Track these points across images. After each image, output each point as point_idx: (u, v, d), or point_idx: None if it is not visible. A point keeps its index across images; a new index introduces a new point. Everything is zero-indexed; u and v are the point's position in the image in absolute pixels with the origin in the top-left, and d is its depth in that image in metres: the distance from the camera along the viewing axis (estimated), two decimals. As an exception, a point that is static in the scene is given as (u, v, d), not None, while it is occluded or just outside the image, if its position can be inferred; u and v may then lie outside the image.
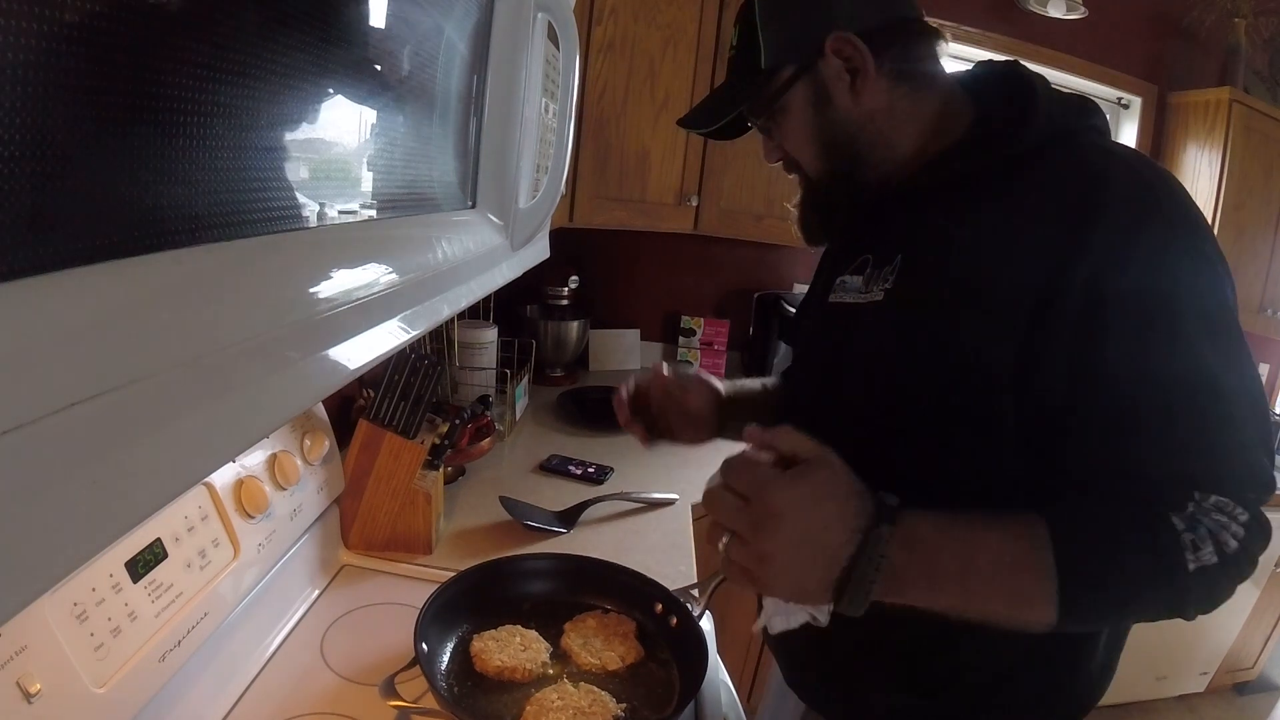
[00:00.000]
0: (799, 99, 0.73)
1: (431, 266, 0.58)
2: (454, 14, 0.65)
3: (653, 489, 1.41)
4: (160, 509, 0.30)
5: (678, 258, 2.29)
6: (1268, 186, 2.26)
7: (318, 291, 0.41)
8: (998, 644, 0.61)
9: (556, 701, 0.74)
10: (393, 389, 1.06)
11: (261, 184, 0.39)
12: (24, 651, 0.53)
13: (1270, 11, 2.26)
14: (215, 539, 0.78)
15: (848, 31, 0.70)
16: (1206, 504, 0.56)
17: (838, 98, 0.72)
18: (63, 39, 0.24)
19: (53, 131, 0.24)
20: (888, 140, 0.73)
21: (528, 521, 1.21)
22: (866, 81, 0.71)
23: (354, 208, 0.53)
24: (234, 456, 0.59)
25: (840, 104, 0.72)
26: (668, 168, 1.78)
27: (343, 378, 0.44)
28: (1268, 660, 2.57)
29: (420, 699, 0.73)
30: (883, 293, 0.72)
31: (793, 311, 2.10)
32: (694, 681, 0.77)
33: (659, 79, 1.70)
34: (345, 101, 0.49)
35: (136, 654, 0.64)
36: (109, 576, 0.63)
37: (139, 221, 0.29)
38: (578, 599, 0.92)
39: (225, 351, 0.32)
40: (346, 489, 1.07)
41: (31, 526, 0.23)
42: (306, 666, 0.85)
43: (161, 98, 0.29)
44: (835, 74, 0.71)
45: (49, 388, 0.24)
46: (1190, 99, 2.28)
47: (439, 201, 0.69)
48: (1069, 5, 2.12)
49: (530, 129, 0.78)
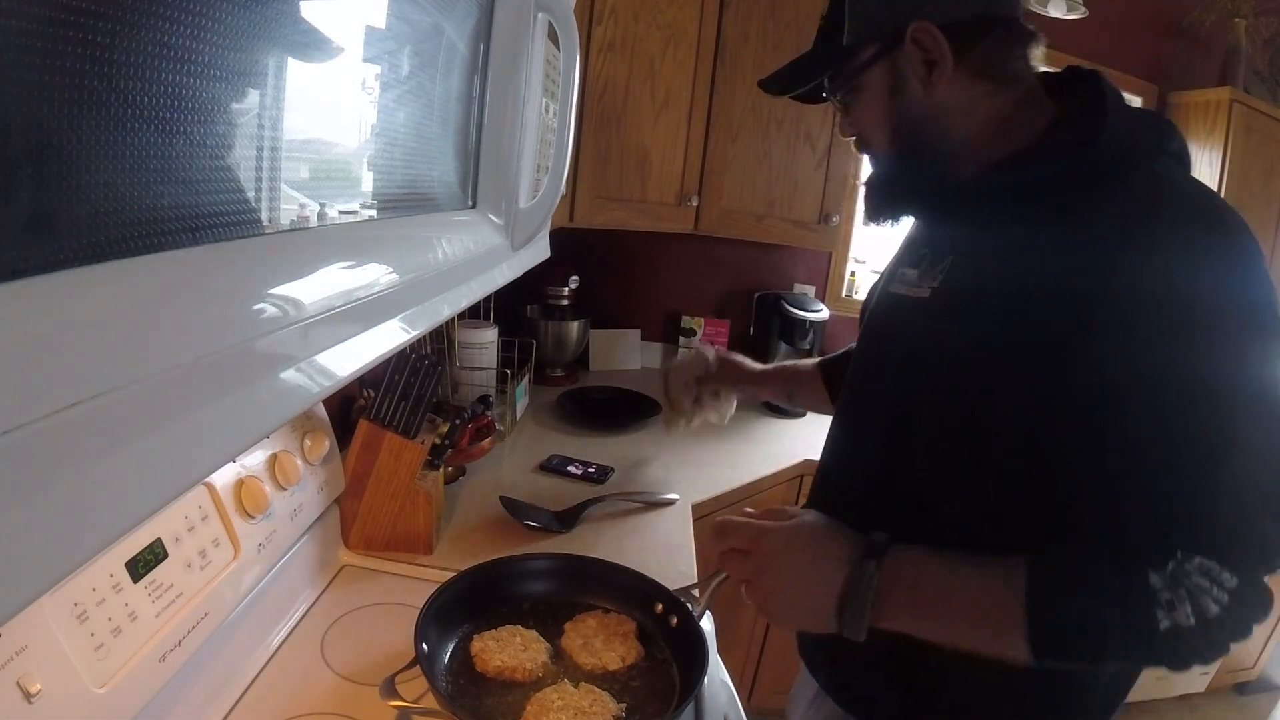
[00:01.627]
0: (875, 80, 0.73)
1: (432, 266, 0.58)
2: (454, 14, 0.65)
3: (653, 489, 1.41)
4: (160, 509, 0.30)
5: (678, 258, 2.29)
6: (1268, 186, 2.26)
7: (318, 292, 0.41)
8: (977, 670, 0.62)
9: (557, 701, 0.74)
10: (393, 389, 1.06)
11: (261, 184, 0.39)
12: (24, 651, 0.53)
13: (1270, 11, 2.26)
14: (215, 539, 0.78)
15: (932, 23, 0.69)
16: (1190, 565, 0.54)
17: (912, 86, 0.71)
18: (63, 39, 0.24)
19: (53, 131, 0.24)
20: (960, 135, 0.72)
21: (528, 521, 1.21)
22: (942, 75, 0.70)
23: (354, 208, 0.53)
24: (234, 456, 0.59)
25: (914, 93, 0.71)
26: (668, 168, 1.78)
27: (343, 377, 0.44)
28: (1268, 660, 2.57)
29: (420, 699, 0.73)
30: (930, 290, 0.74)
31: (793, 312, 2.11)
32: (694, 681, 0.77)
33: (659, 79, 1.70)
34: (346, 101, 0.49)
35: (137, 654, 0.64)
36: (109, 576, 0.63)
37: (139, 221, 0.29)
38: (578, 599, 0.92)
39: (225, 351, 0.32)
40: (347, 489, 1.07)
41: (31, 526, 0.23)
42: (306, 666, 0.85)
43: (161, 97, 0.29)
44: (913, 62, 0.70)
45: (49, 388, 0.24)
46: (1190, 99, 2.28)
47: (439, 201, 0.69)
48: (1069, 5, 2.12)
49: (530, 129, 0.78)
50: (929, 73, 0.70)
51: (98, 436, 0.26)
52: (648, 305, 2.34)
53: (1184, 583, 0.54)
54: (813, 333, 2.16)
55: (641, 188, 1.76)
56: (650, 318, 2.35)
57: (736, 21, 1.75)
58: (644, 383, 2.08)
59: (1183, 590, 0.54)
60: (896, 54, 0.71)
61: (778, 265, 2.34)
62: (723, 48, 1.76)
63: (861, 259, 2.38)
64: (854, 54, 0.73)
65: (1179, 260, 0.57)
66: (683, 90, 1.75)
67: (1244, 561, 0.55)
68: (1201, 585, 0.54)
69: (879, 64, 0.72)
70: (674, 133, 1.76)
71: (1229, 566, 0.54)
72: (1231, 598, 0.54)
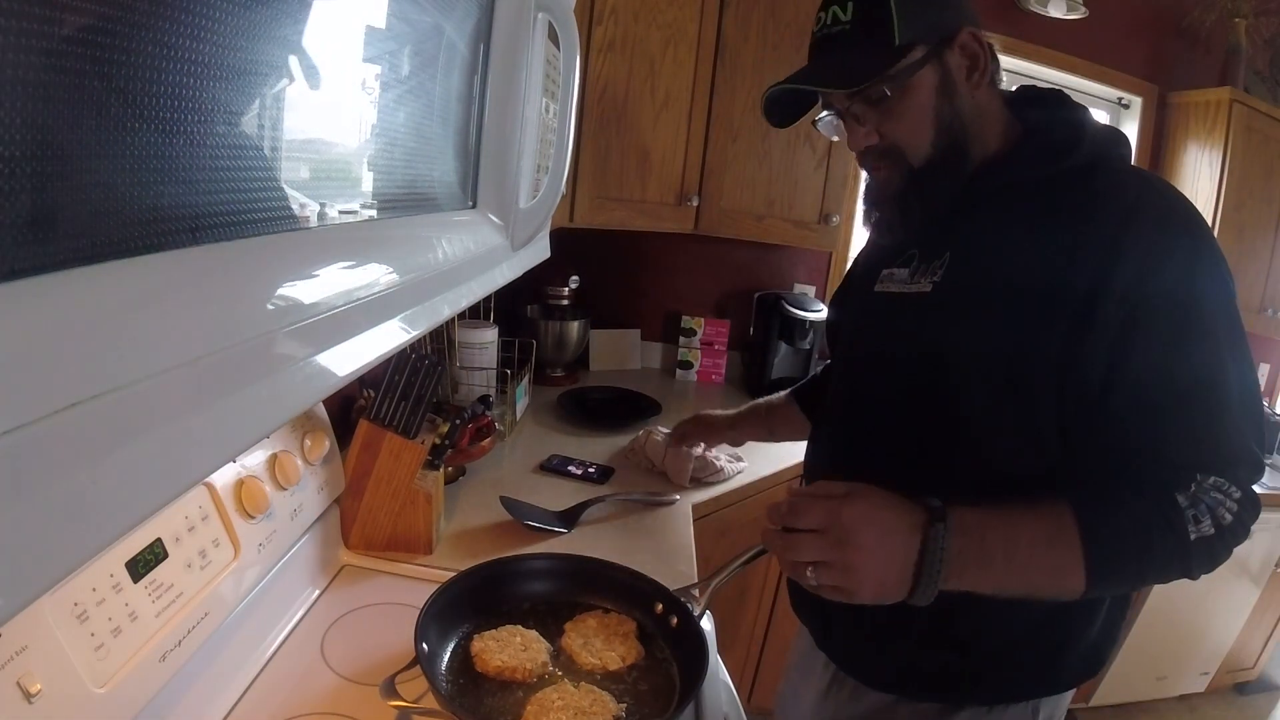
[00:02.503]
0: (926, 81, 0.75)
1: (432, 266, 0.58)
2: (454, 14, 0.65)
3: (653, 489, 1.41)
4: (161, 509, 0.30)
5: (678, 258, 2.29)
6: (1268, 186, 2.26)
7: (318, 292, 0.41)
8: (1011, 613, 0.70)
9: (557, 701, 0.74)
10: (393, 389, 1.06)
11: (261, 184, 0.39)
12: (24, 651, 0.53)
13: (1270, 11, 2.26)
14: (215, 539, 0.78)
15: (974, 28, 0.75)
16: (1206, 484, 0.65)
17: (961, 88, 0.75)
18: (63, 39, 0.24)
19: (53, 131, 0.24)
20: (982, 139, 0.77)
21: (528, 521, 1.20)
22: (983, 79, 0.76)
23: (354, 208, 0.53)
24: (234, 456, 0.59)
25: (963, 94, 0.76)
26: (668, 168, 1.78)
27: (343, 378, 0.44)
28: (1268, 660, 2.57)
29: (421, 699, 0.73)
30: (930, 285, 0.77)
31: (793, 312, 2.10)
32: (694, 681, 0.77)
33: (659, 79, 1.70)
34: (346, 102, 0.49)
35: (137, 654, 0.64)
36: (109, 576, 0.63)
37: (139, 221, 0.29)
38: (578, 599, 0.92)
39: (225, 351, 0.32)
40: (347, 489, 1.07)
41: (31, 526, 0.23)
42: (307, 666, 0.85)
43: (162, 97, 0.29)
44: (958, 65, 0.75)
45: (49, 388, 0.24)
46: (1190, 99, 2.28)
47: (439, 201, 0.69)
48: (1069, 5, 2.12)
49: (530, 129, 0.78)
50: (969, 75, 0.75)
51: (98, 436, 0.26)
52: (648, 305, 2.34)
53: (1203, 498, 0.65)
54: (813, 333, 2.16)
55: (641, 188, 1.76)
56: (650, 318, 2.35)
57: (737, 21, 1.75)
58: (644, 383, 2.08)
59: (1203, 505, 0.65)
60: (946, 56, 0.75)
61: (778, 265, 2.34)
62: (723, 48, 1.76)
63: (861, 259, 2.38)
64: (905, 54, 0.74)
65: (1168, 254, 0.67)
66: (683, 90, 1.75)
67: (1243, 476, 0.67)
68: (1217, 499, 0.65)
69: (929, 65, 0.74)
70: (674, 133, 1.76)
71: (1234, 481, 0.66)
72: (1239, 505, 0.66)
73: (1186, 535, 0.64)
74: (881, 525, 0.65)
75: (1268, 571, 2.27)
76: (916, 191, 0.78)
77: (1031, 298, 0.69)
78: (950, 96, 0.75)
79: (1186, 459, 0.67)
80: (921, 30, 0.74)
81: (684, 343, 2.28)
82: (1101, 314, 0.66)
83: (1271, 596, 2.37)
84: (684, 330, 2.28)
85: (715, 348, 2.28)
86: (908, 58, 0.74)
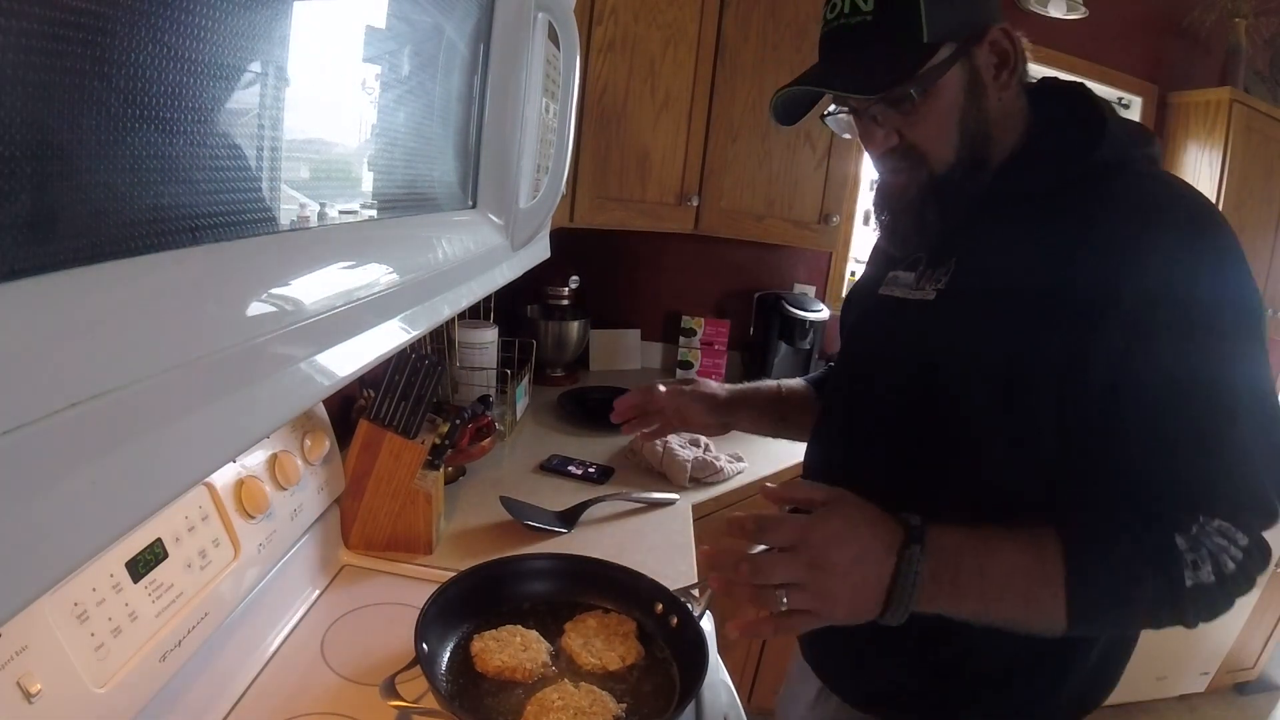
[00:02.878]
0: (954, 82, 0.70)
1: (432, 266, 0.58)
2: (454, 14, 0.65)
3: (653, 489, 1.41)
4: (160, 509, 0.30)
5: (678, 258, 2.29)
6: (1268, 186, 2.26)
7: (318, 291, 0.41)
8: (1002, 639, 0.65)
9: (557, 701, 0.74)
10: (393, 389, 1.06)
11: (261, 184, 0.39)
12: (24, 651, 0.53)
13: (1270, 11, 2.26)
14: (215, 539, 0.78)
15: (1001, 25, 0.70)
16: (1210, 527, 0.60)
17: (989, 88, 0.71)
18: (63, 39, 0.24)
19: (53, 131, 0.24)
20: (1003, 142, 0.73)
21: (528, 521, 1.20)
22: (1012, 79, 0.71)
23: (354, 208, 0.53)
24: (234, 456, 0.59)
25: (990, 94, 0.71)
26: (668, 168, 1.78)
27: (343, 378, 0.44)
28: (1268, 660, 2.57)
29: (421, 699, 0.73)
30: (935, 291, 0.74)
31: (793, 312, 2.11)
32: (694, 681, 0.77)
33: (659, 79, 1.70)
34: (346, 102, 0.49)
35: (137, 654, 0.64)
36: (109, 576, 0.63)
37: (139, 221, 0.29)
38: (578, 599, 0.92)
39: (225, 351, 0.32)
40: (347, 489, 1.07)
41: (31, 526, 0.23)
42: (307, 666, 0.85)
43: (162, 97, 0.29)
44: (986, 64, 0.71)
45: (49, 388, 0.24)
46: (1190, 99, 2.28)
47: (439, 201, 0.69)
48: (1069, 5, 2.12)
49: (530, 129, 0.78)
50: (998, 75, 0.71)
51: (98, 436, 0.26)
52: (648, 305, 2.34)
53: (1205, 543, 0.59)
54: (813, 333, 2.16)
55: (641, 188, 1.76)
56: (650, 318, 2.35)
57: (736, 21, 1.75)
58: (644, 383, 2.08)
59: (1204, 550, 0.59)
60: (974, 54, 0.70)
61: (778, 265, 2.34)
62: (723, 48, 1.76)
63: (861, 259, 2.39)
64: (934, 53, 0.69)
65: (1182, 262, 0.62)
66: (683, 90, 1.74)
67: (1252, 522, 0.61)
68: (1220, 545, 0.60)
69: (957, 64, 0.69)
70: (674, 133, 1.76)
71: (1241, 526, 0.60)
72: (1244, 554, 0.60)
73: (1182, 581, 0.59)
74: (856, 545, 0.61)
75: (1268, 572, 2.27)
76: (935, 203, 0.73)
77: (1033, 300, 0.66)
78: (978, 98, 0.70)
79: (1189, 498, 0.61)
80: (953, 26, 0.68)
81: (684, 343, 2.28)
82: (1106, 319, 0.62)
83: (1271, 596, 2.37)
84: (684, 330, 2.28)
85: (715, 348, 2.28)
86: (936, 56, 0.68)
